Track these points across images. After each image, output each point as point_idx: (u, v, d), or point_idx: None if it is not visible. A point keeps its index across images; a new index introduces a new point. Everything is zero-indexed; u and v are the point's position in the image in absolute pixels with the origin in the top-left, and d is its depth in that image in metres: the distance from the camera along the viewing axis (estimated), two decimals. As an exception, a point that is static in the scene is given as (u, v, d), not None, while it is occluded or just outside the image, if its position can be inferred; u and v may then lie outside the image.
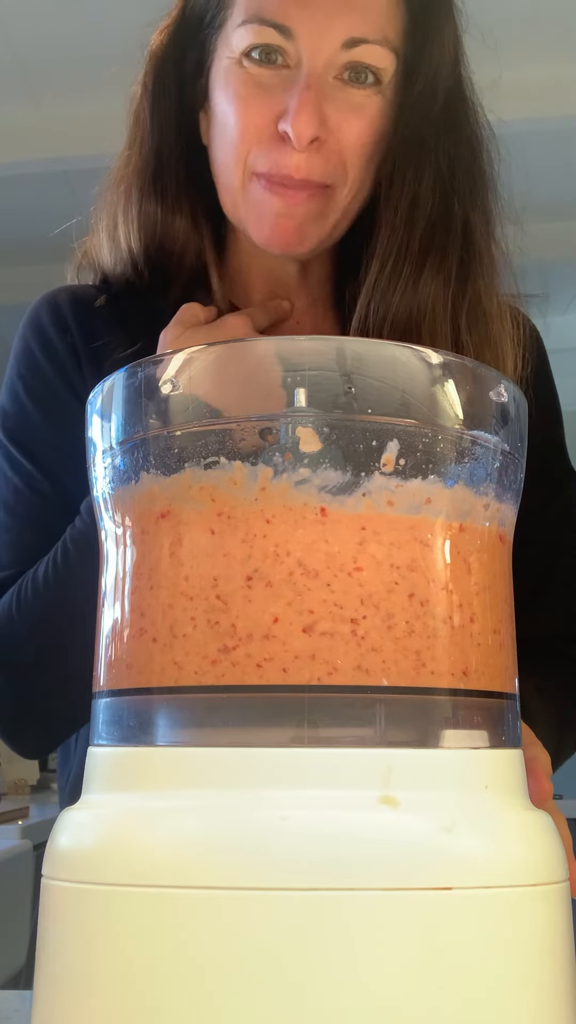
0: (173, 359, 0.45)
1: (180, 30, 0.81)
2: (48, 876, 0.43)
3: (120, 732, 0.45)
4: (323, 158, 0.74)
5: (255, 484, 0.42)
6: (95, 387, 0.49)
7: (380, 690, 0.41)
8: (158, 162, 0.82)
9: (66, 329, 0.85)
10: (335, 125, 0.73)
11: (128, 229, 0.84)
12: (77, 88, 2.73)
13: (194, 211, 0.83)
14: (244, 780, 0.40)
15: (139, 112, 0.84)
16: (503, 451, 0.46)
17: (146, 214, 0.83)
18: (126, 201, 0.84)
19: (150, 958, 0.38)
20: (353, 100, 0.74)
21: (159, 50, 0.82)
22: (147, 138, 0.83)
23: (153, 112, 0.82)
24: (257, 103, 0.74)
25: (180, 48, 0.81)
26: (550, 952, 0.40)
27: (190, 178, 0.82)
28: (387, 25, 0.73)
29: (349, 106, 0.74)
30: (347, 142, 0.74)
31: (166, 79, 0.82)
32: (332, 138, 0.73)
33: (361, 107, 0.74)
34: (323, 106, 0.73)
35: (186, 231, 0.83)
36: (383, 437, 0.43)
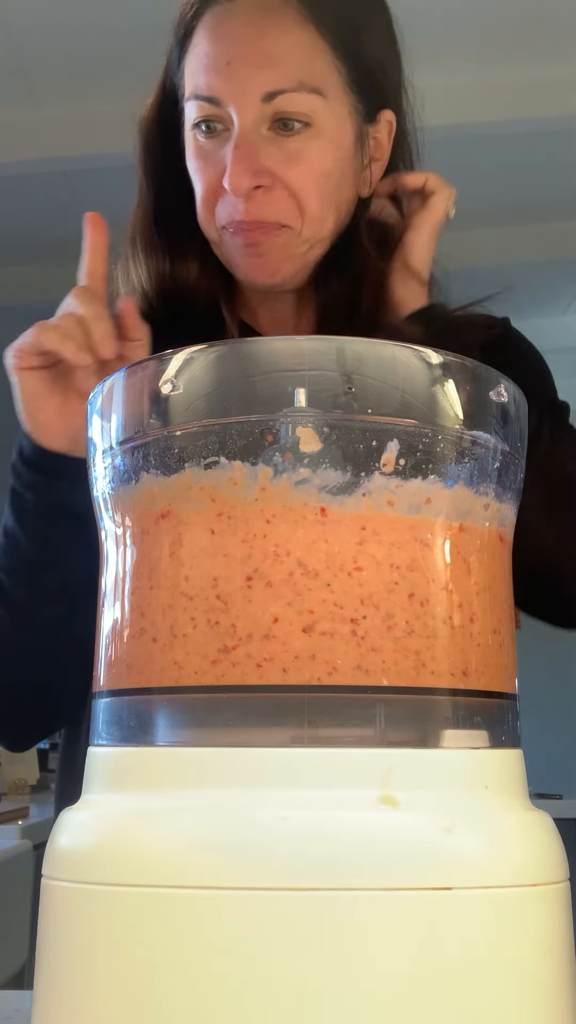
0: (173, 359, 0.45)
1: (162, 104, 0.88)
2: (48, 876, 0.43)
3: (120, 732, 0.45)
4: (270, 201, 0.80)
5: (255, 484, 0.42)
6: (95, 387, 0.49)
7: (380, 690, 0.41)
8: (158, 217, 0.90)
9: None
10: (278, 173, 0.79)
11: (140, 277, 0.91)
12: (77, 88, 2.73)
13: (201, 255, 0.89)
14: (244, 780, 0.40)
15: (139, 174, 0.92)
16: (503, 451, 0.46)
17: (155, 264, 0.90)
18: (133, 254, 0.91)
19: (150, 958, 0.38)
20: (288, 148, 0.79)
21: (146, 124, 0.91)
22: (146, 197, 0.91)
23: (147, 175, 0.91)
24: (207, 169, 0.82)
25: (165, 119, 0.88)
26: (550, 952, 0.40)
27: (193, 227, 0.88)
28: (301, 71, 0.79)
29: (285, 155, 0.79)
30: (295, 186, 0.80)
31: (154, 146, 0.90)
32: (278, 184, 0.80)
33: (296, 153, 0.80)
34: (259, 158, 0.79)
35: (196, 274, 0.90)
36: (383, 437, 0.43)
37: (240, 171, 0.78)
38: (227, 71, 0.79)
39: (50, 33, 2.55)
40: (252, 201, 0.79)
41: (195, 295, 0.90)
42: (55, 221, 3.40)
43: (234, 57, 0.79)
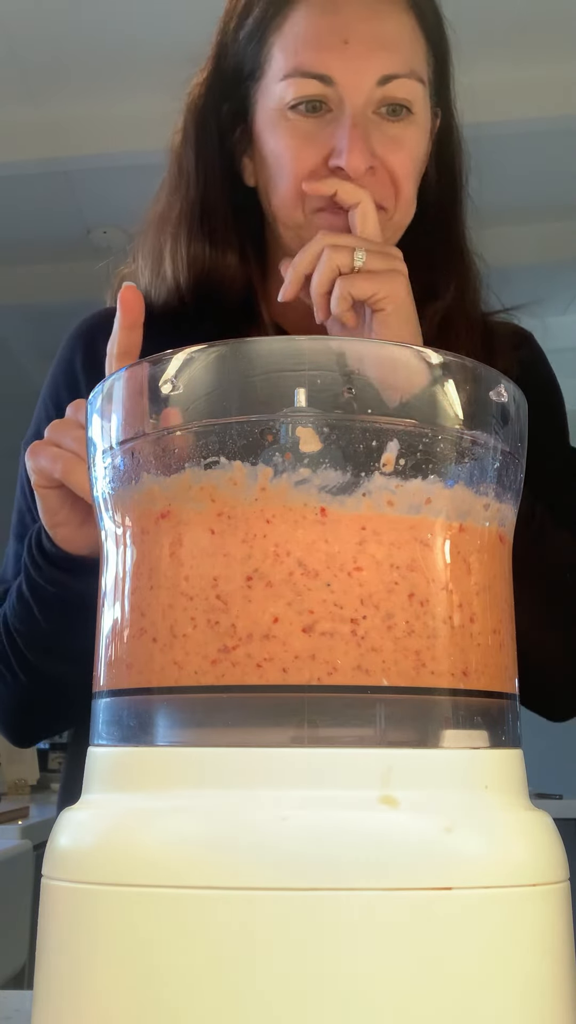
0: (173, 359, 0.45)
1: (217, 82, 0.87)
2: (48, 876, 0.43)
3: (120, 732, 0.45)
4: (376, 182, 0.80)
5: (255, 484, 0.42)
6: (95, 387, 0.49)
7: (380, 690, 0.41)
8: (204, 206, 0.89)
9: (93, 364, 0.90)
10: (381, 156, 0.80)
11: (176, 267, 0.89)
12: (77, 88, 2.73)
13: (242, 246, 0.89)
14: (244, 780, 0.40)
15: (182, 160, 0.90)
16: (503, 451, 0.46)
17: (195, 254, 0.89)
18: (174, 243, 0.89)
19: (150, 958, 0.38)
20: (391, 133, 0.81)
21: (198, 101, 0.89)
22: (192, 184, 0.89)
23: (197, 160, 0.89)
24: (307, 150, 0.80)
25: (218, 99, 0.87)
26: (550, 952, 0.40)
27: (236, 217, 0.89)
28: (413, 58, 0.81)
29: (389, 139, 0.81)
30: (395, 170, 0.81)
31: (207, 128, 0.88)
32: (381, 167, 0.80)
33: (400, 138, 0.81)
34: (370, 140, 0.80)
35: (235, 265, 0.89)
36: (383, 437, 0.43)
37: (360, 150, 0.78)
38: (343, 50, 0.78)
39: (50, 33, 2.55)
40: (363, 181, 0.79)
41: (231, 288, 0.89)
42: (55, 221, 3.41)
43: (351, 36, 0.78)
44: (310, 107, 0.80)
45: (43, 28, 2.54)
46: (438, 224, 0.90)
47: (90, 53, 2.61)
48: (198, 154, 0.88)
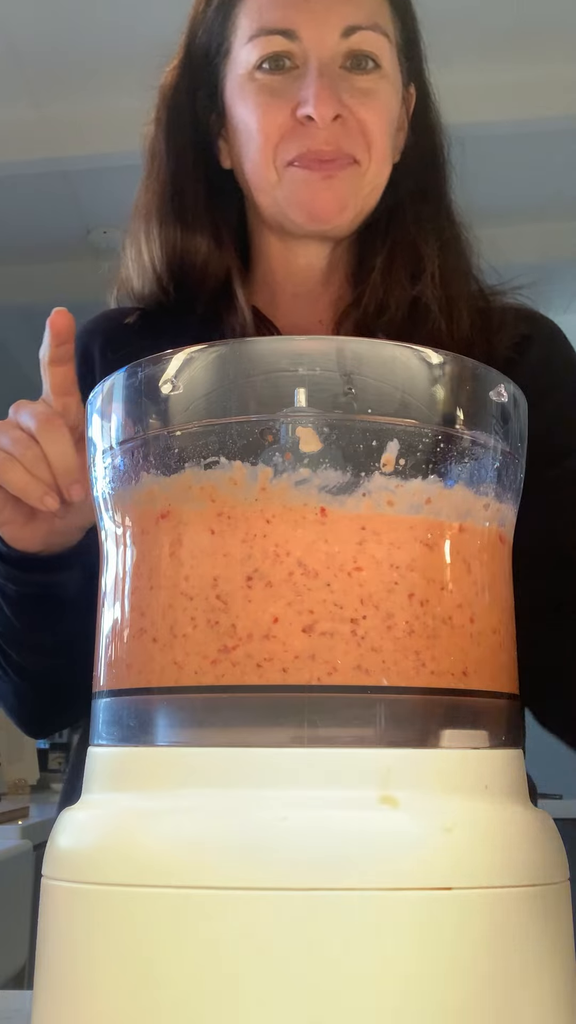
0: (173, 359, 0.45)
1: (188, 66, 0.87)
2: (48, 876, 0.43)
3: (120, 732, 0.45)
4: (347, 132, 0.80)
5: (255, 484, 0.42)
6: (95, 387, 0.49)
7: (380, 690, 0.41)
8: (175, 187, 0.88)
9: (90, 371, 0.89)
10: (350, 107, 0.80)
11: (151, 250, 0.89)
12: (77, 88, 2.73)
13: (215, 228, 0.88)
14: (244, 780, 0.40)
15: (154, 146, 0.90)
16: (503, 451, 0.46)
17: (167, 235, 0.89)
18: (147, 226, 0.89)
19: (150, 958, 0.38)
20: (360, 86, 0.81)
21: (169, 86, 0.88)
22: (163, 167, 0.89)
23: (168, 144, 0.88)
24: (275, 106, 0.80)
25: (190, 83, 0.87)
26: (550, 952, 0.40)
27: (209, 199, 0.88)
28: (377, 13, 0.82)
29: (358, 91, 0.81)
30: (367, 121, 0.81)
31: (179, 112, 0.88)
32: (352, 118, 0.80)
33: (369, 91, 0.81)
34: (338, 91, 0.79)
35: (208, 247, 0.88)
36: (383, 437, 0.43)
37: (326, 98, 0.78)
38: (305, 5, 0.80)
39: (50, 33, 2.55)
40: (331, 131, 0.79)
41: (206, 272, 0.89)
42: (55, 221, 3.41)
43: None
44: (276, 64, 0.80)
45: (43, 28, 2.54)
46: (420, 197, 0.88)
47: (90, 53, 2.61)
48: (168, 137, 0.89)
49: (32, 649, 0.83)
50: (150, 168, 0.90)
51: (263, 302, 0.90)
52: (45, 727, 0.97)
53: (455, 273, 0.87)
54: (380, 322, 0.84)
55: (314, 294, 0.89)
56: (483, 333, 0.85)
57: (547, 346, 0.88)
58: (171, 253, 0.89)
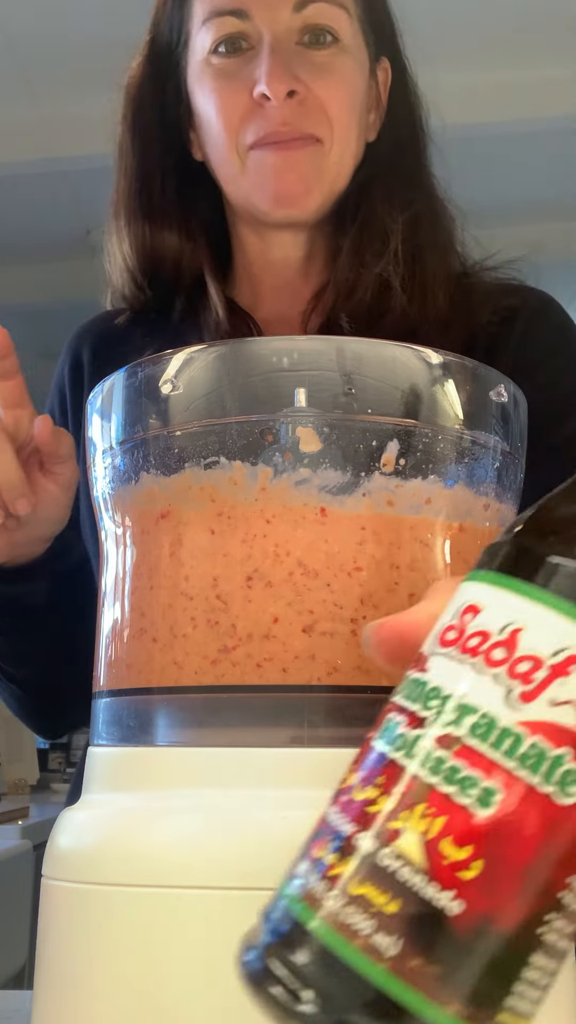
0: (173, 359, 0.45)
1: (152, 61, 0.86)
2: (48, 876, 0.43)
3: (120, 732, 0.45)
4: (305, 110, 0.77)
5: (255, 484, 0.42)
6: (95, 387, 0.49)
7: (380, 690, 0.41)
8: (141, 183, 0.87)
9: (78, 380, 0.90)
10: (308, 83, 0.77)
11: (123, 249, 0.88)
12: (77, 88, 2.73)
13: (185, 223, 0.87)
14: (244, 780, 0.40)
15: (122, 143, 0.88)
16: (503, 451, 0.46)
17: (135, 232, 0.87)
18: (117, 224, 0.88)
19: (150, 958, 0.38)
20: (317, 61, 0.78)
21: (135, 83, 0.87)
22: (130, 165, 0.87)
23: (134, 140, 0.87)
24: (231, 89, 0.78)
25: (155, 78, 0.85)
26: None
27: (179, 194, 0.86)
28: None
29: (315, 66, 0.78)
30: (326, 97, 0.78)
31: (145, 110, 0.86)
32: (311, 95, 0.77)
33: (328, 65, 0.79)
34: (292, 67, 0.77)
35: (178, 242, 0.87)
36: (383, 437, 0.43)
37: (278, 75, 0.76)
38: None
39: (50, 33, 2.55)
40: (288, 109, 0.77)
41: (179, 268, 0.87)
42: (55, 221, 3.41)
43: None
44: (231, 47, 0.78)
45: (43, 28, 2.54)
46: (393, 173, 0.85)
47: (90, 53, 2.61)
48: (134, 134, 0.87)
49: (14, 658, 0.83)
50: (119, 166, 0.88)
51: (244, 296, 0.88)
52: (56, 728, 0.97)
53: (429, 249, 0.83)
54: (348, 306, 0.81)
55: (294, 285, 0.86)
56: (463, 311, 0.82)
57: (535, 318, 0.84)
58: (141, 250, 0.87)
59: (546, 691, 0.27)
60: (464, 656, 0.28)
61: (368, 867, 0.27)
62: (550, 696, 0.27)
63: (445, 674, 0.29)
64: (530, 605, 0.28)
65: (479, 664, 0.28)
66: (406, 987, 0.26)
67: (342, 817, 0.29)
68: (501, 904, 0.27)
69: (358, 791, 0.29)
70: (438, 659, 0.29)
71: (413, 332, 0.79)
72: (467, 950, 0.26)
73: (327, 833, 0.29)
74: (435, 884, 0.26)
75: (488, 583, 0.29)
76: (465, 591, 0.30)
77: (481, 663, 0.28)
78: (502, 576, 0.29)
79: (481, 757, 0.27)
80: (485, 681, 0.28)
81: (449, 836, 0.27)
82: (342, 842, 0.28)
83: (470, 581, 0.30)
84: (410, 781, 0.28)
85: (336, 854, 0.28)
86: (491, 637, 0.28)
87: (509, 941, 0.27)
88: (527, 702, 0.27)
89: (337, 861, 0.28)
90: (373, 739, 0.30)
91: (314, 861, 0.29)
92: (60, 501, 0.70)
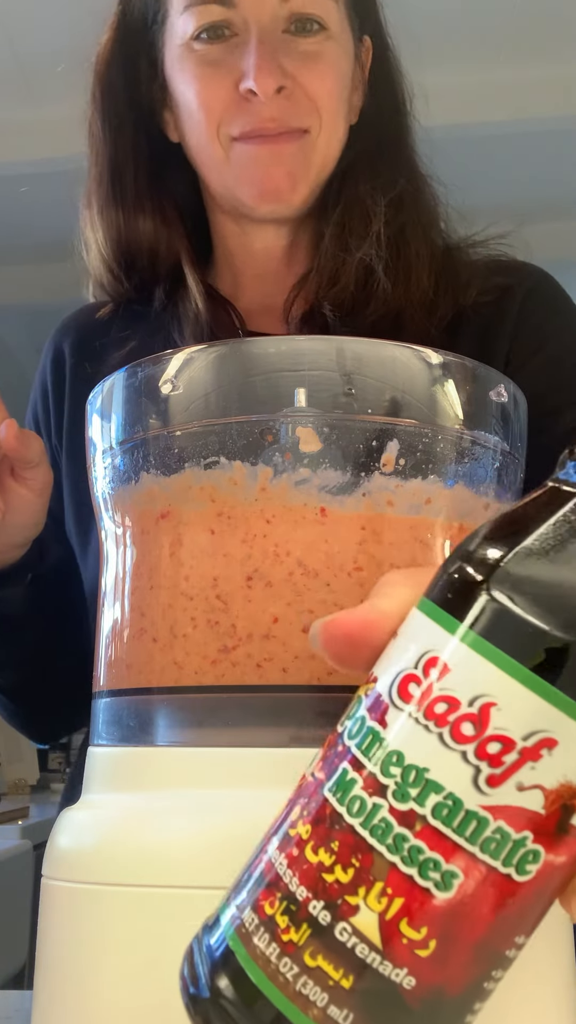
0: (173, 359, 0.45)
1: (123, 37, 0.83)
2: (48, 876, 0.43)
3: (120, 732, 0.45)
4: (293, 104, 0.75)
5: (255, 484, 0.42)
6: (95, 388, 0.49)
7: (380, 690, 0.41)
8: (113, 169, 0.84)
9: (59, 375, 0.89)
10: (296, 73, 0.75)
11: (96, 240, 0.85)
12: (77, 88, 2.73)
13: (160, 209, 0.84)
14: (244, 780, 0.40)
15: (91, 126, 0.86)
16: (503, 451, 0.46)
17: (109, 221, 0.84)
18: (90, 213, 0.86)
19: (150, 958, 0.38)
20: (304, 49, 0.76)
21: (103, 60, 0.84)
22: (101, 149, 0.85)
23: (104, 123, 0.84)
24: (215, 78, 0.76)
25: (127, 54, 0.83)
26: (550, 951, 0.40)
27: (152, 178, 0.84)
28: None
29: (302, 55, 0.76)
30: (313, 88, 0.76)
31: (114, 88, 0.83)
32: (298, 86, 0.75)
33: (315, 54, 0.76)
34: (279, 59, 0.75)
35: (152, 230, 0.84)
36: (383, 437, 0.43)
37: (268, 70, 0.73)
38: None
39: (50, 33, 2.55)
40: (275, 104, 0.75)
41: (156, 256, 0.84)
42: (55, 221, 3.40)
43: None
44: (214, 34, 0.76)
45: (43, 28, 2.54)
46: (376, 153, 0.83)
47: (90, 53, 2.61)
48: (104, 115, 0.84)
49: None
50: (89, 151, 0.86)
51: (225, 284, 0.86)
52: (44, 733, 0.96)
53: (412, 228, 0.81)
54: (331, 294, 0.79)
55: (278, 274, 0.84)
56: (449, 289, 0.80)
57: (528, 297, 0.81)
58: (115, 238, 0.84)
59: (515, 775, 0.26)
60: (429, 723, 0.27)
61: (324, 941, 0.27)
62: (518, 781, 0.26)
63: (408, 741, 0.27)
64: (504, 679, 0.26)
65: (446, 737, 0.26)
66: None
67: (292, 875, 0.28)
68: (453, 975, 0.27)
69: (311, 851, 0.28)
70: (400, 718, 0.27)
71: (398, 316, 0.78)
72: (418, 1018, 0.27)
73: (276, 886, 0.28)
74: (390, 962, 0.26)
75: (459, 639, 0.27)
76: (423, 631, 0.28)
77: (448, 736, 0.26)
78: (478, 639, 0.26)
79: (443, 840, 0.26)
80: (452, 759, 0.26)
81: (406, 918, 0.26)
82: (296, 907, 0.28)
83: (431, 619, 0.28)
84: (369, 855, 0.27)
85: (287, 916, 0.28)
86: (460, 707, 0.26)
87: (457, 1001, 0.27)
88: (494, 786, 0.26)
89: (290, 925, 0.27)
90: (323, 784, 0.29)
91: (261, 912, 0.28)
92: (33, 506, 0.68)
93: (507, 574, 0.27)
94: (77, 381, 0.87)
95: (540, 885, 0.27)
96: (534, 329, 0.80)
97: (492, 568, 0.27)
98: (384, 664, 0.29)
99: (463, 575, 0.28)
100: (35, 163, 2.98)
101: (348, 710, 0.30)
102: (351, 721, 0.29)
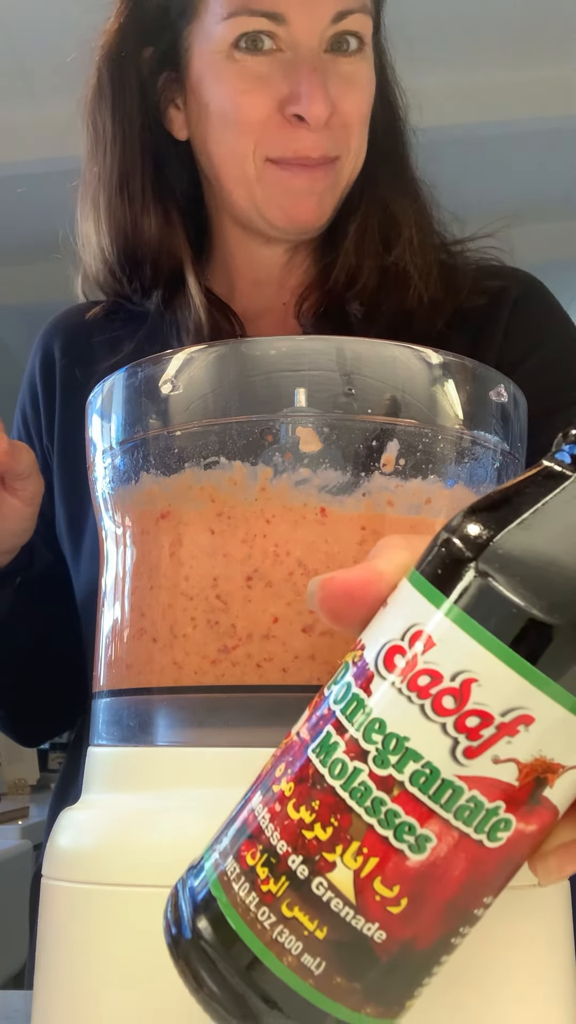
0: (173, 359, 0.45)
1: (135, 26, 0.80)
2: (48, 876, 0.43)
3: (120, 732, 0.45)
4: (331, 132, 0.74)
5: (255, 484, 0.42)
6: (95, 388, 0.49)
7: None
8: (123, 167, 0.82)
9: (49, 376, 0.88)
10: (336, 99, 0.74)
11: (100, 237, 0.83)
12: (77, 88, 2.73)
13: (166, 210, 0.82)
14: (244, 780, 0.39)
15: (95, 117, 0.83)
16: (503, 451, 0.46)
17: (116, 222, 0.82)
18: (95, 213, 0.83)
19: (150, 958, 0.38)
20: (344, 71, 0.75)
21: (112, 49, 0.81)
22: (110, 144, 0.82)
23: (114, 115, 0.81)
24: (258, 93, 0.73)
25: (138, 44, 0.80)
26: (550, 951, 0.40)
27: (160, 178, 0.82)
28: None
29: (343, 78, 0.75)
30: (349, 114, 0.75)
31: (125, 79, 0.80)
32: (336, 112, 0.74)
33: (354, 76, 0.75)
34: (327, 86, 0.73)
35: (159, 231, 0.82)
36: (383, 437, 0.43)
37: (322, 97, 0.71)
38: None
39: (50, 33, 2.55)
40: (320, 134, 0.73)
41: (158, 255, 0.82)
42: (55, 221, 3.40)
43: None
44: (255, 45, 0.73)
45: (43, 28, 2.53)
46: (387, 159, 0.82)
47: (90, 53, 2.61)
48: (114, 108, 0.81)
49: None
50: (92, 145, 0.83)
51: (221, 287, 0.85)
52: (32, 737, 0.96)
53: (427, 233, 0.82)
54: (351, 293, 0.79)
55: (278, 280, 0.84)
56: (449, 289, 0.80)
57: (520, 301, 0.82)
58: (122, 239, 0.82)
59: (491, 749, 0.27)
60: (412, 694, 0.28)
61: (301, 893, 0.28)
62: (494, 754, 0.27)
63: (390, 710, 0.28)
64: (486, 656, 0.27)
65: (427, 709, 0.27)
66: (329, 1000, 0.28)
67: (274, 830, 0.29)
68: (422, 931, 0.28)
69: (292, 808, 0.29)
70: (383, 687, 0.28)
71: (410, 315, 0.78)
72: (387, 969, 0.28)
73: (257, 839, 0.29)
74: (363, 917, 0.27)
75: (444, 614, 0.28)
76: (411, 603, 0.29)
77: (429, 708, 0.27)
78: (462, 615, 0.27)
79: (419, 805, 0.27)
80: (432, 730, 0.27)
81: (380, 876, 0.27)
82: (276, 860, 0.29)
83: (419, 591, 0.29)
84: (348, 816, 0.28)
85: (267, 868, 0.29)
86: (442, 681, 0.27)
87: (425, 954, 0.28)
88: (471, 758, 0.27)
89: (269, 877, 0.29)
90: (308, 745, 0.30)
91: (243, 862, 0.29)
92: (23, 514, 0.67)
93: (495, 553, 0.27)
94: (67, 382, 0.86)
95: (510, 851, 0.28)
96: (527, 332, 0.80)
97: (481, 546, 0.28)
98: (372, 632, 0.30)
99: (452, 550, 0.28)
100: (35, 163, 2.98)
101: (335, 675, 0.31)
102: (337, 686, 0.30)
